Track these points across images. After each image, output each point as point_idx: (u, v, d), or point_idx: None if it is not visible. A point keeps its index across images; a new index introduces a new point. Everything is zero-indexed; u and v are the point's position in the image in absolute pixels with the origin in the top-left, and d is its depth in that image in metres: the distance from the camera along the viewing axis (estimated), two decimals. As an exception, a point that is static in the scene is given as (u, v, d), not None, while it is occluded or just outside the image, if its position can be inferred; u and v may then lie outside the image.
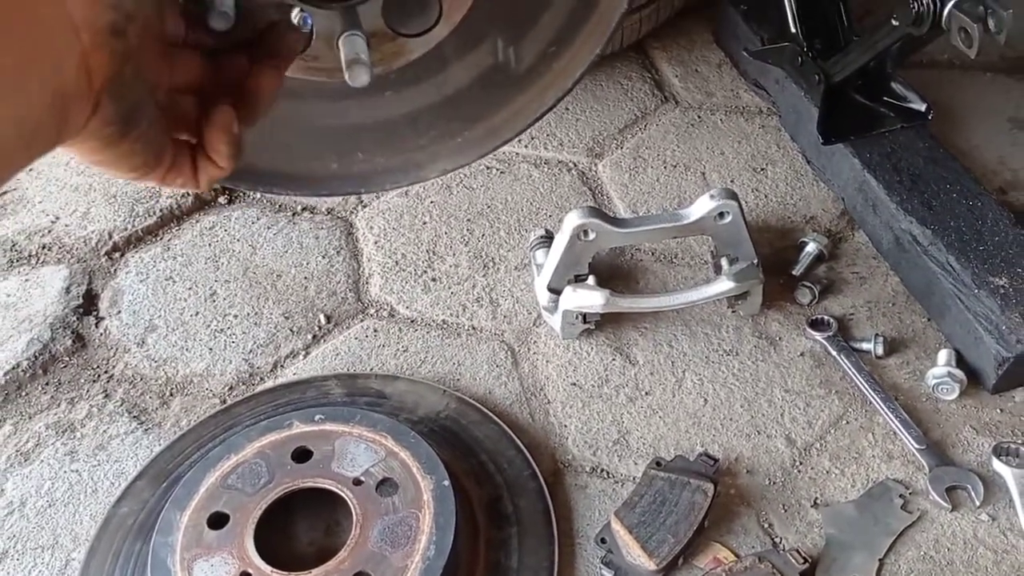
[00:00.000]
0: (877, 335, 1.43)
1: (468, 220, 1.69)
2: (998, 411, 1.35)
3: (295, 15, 0.89)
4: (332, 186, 1.09)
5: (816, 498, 1.26)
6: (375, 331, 1.51)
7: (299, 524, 1.23)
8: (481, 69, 1.04)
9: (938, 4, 1.31)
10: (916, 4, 1.33)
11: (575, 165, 1.80)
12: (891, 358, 1.43)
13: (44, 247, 1.67)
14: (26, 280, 1.61)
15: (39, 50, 0.60)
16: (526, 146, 1.82)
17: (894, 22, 1.41)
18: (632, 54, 2.03)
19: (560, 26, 1.02)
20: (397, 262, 1.62)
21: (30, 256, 1.66)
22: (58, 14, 0.61)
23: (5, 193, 1.78)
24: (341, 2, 0.83)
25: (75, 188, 1.78)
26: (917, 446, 1.29)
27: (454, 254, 1.63)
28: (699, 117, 1.89)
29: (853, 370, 1.39)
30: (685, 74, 1.99)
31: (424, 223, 1.69)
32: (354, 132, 1.06)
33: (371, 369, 1.45)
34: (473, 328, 1.51)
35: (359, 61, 0.82)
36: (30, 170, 1.82)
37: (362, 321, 1.53)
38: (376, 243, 1.66)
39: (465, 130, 1.08)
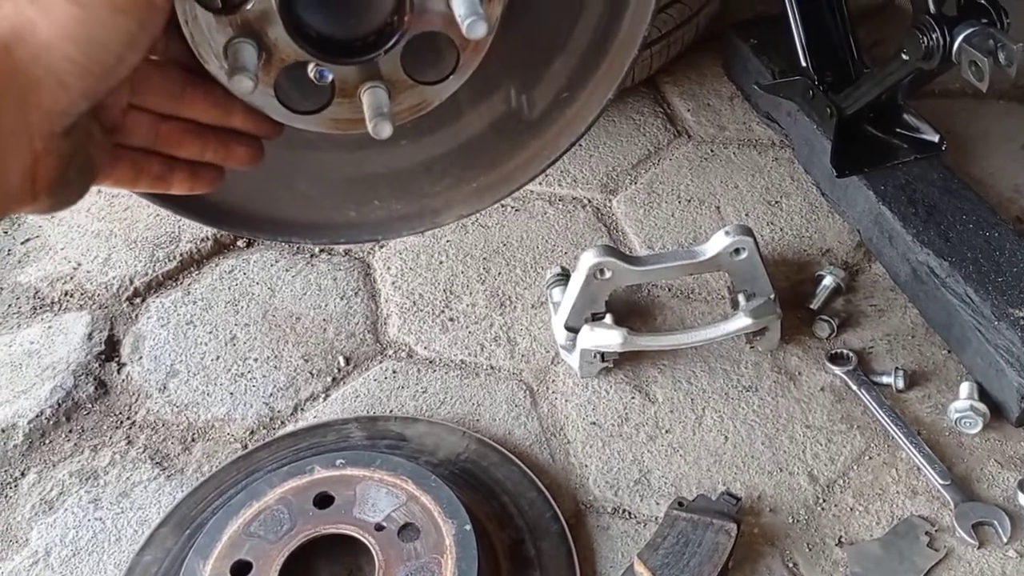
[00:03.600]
0: (897, 368, 1.42)
1: (484, 259, 1.70)
2: (1023, 444, 1.34)
3: (311, 69, 0.90)
4: (350, 234, 1.11)
5: (841, 536, 1.25)
6: (394, 372, 1.52)
7: (321, 571, 1.24)
8: (495, 116, 1.05)
9: (948, 38, 1.32)
10: (925, 38, 1.34)
11: (589, 201, 1.81)
12: (912, 391, 1.42)
13: (66, 294, 1.69)
14: (49, 327, 1.62)
15: None
16: (540, 183, 1.83)
17: (904, 56, 1.41)
18: (644, 89, 2.05)
19: (572, 72, 1.03)
20: (415, 302, 1.63)
21: (53, 303, 1.68)
22: (18, 123, 0.62)
23: (28, 241, 1.80)
24: (360, 57, 0.84)
25: (96, 234, 1.80)
26: (941, 481, 1.28)
27: (471, 293, 1.64)
28: (712, 151, 1.90)
29: (874, 404, 1.38)
30: (697, 108, 2.01)
31: (441, 262, 1.70)
32: (371, 181, 1.07)
33: (391, 411, 1.46)
34: (491, 368, 1.52)
35: (382, 114, 0.82)
36: (52, 217, 1.85)
37: (381, 362, 1.54)
38: (393, 283, 1.67)
39: (480, 176, 1.09)
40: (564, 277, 1.53)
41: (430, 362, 1.53)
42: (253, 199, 1.06)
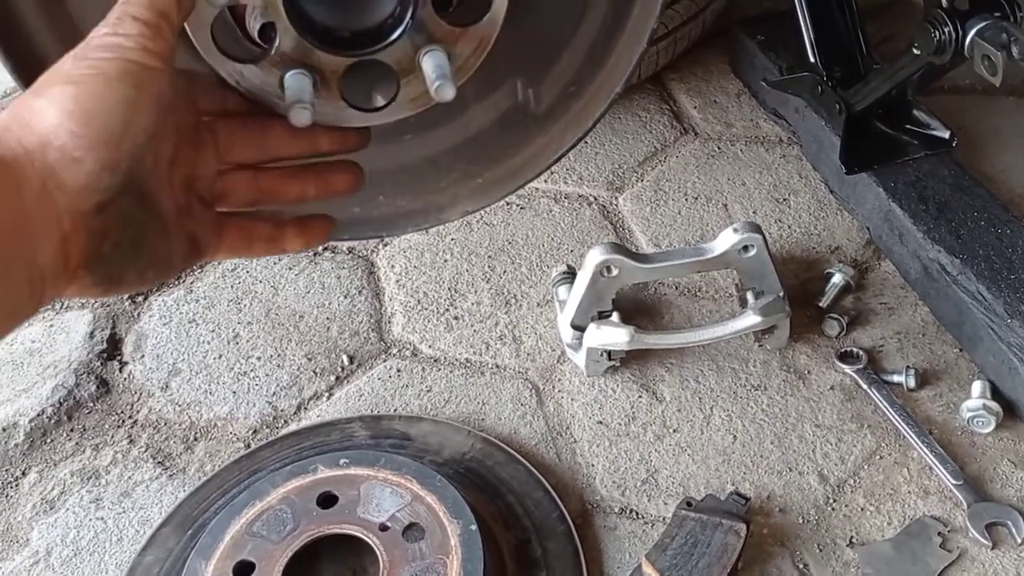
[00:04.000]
0: (908, 367, 1.40)
1: (489, 257, 1.69)
2: (1036, 443, 1.32)
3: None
4: (354, 230, 1.09)
5: (852, 537, 1.24)
6: (398, 371, 1.50)
7: (325, 571, 1.22)
8: (501, 111, 1.04)
9: (960, 32, 1.30)
10: (937, 32, 1.32)
11: (595, 199, 1.79)
12: (923, 390, 1.40)
13: (68, 292, 1.67)
14: (51, 326, 1.61)
15: (22, 242, 0.63)
16: (546, 181, 1.82)
17: (915, 51, 1.40)
18: (650, 86, 2.03)
19: (579, 66, 1.01)
20: (419, 300, 1.62)
21: (54, 301, 1.66)
22: (44, 205, 0.63)
23: (30, 239, 1.79)
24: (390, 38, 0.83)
25: (98, 232, 1.79)
26: (954, 481, 1.27)
27: (476, 291, 1.63)
28: (719, 148, 1.88)
29: (885, 403, 1.37)
30: (704, 105, 1.99)
31: (445, 261, 1.69)
32: (376, 176, 1.05)
33: (395, 410, 1.44)
34: (497, 366, 1.50)
35: (444, 76, 0.81)
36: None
37: (385, 361, 1.52)
38: (398, 282, 1.65)
39: (486, 172, 1.07)
40: (570, 275, 1.51)
41: (435, 361, 1.52)
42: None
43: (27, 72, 0.87)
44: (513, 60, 0.99)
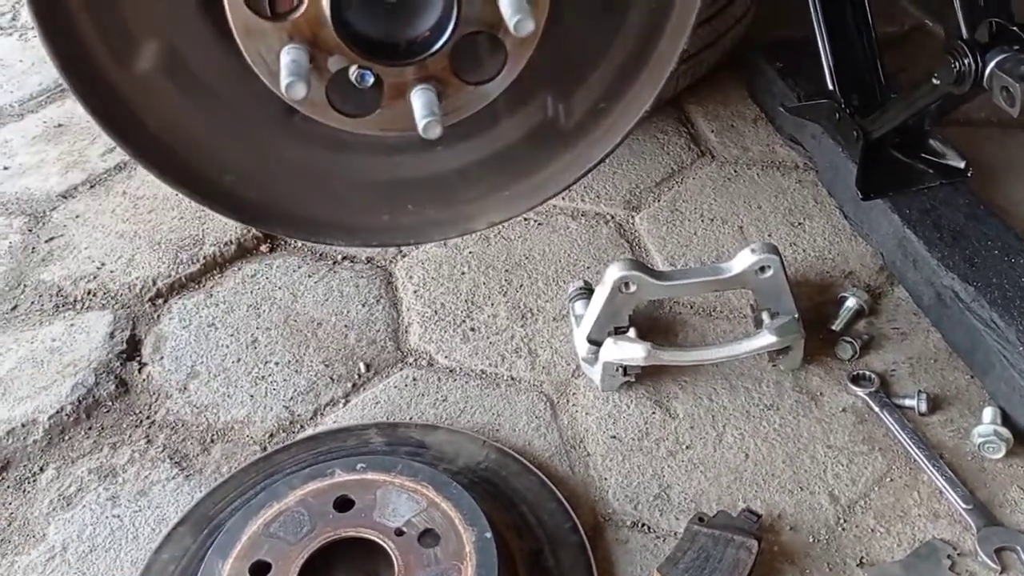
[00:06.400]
0: (920, 392, 1.42)
1: (506, 271, 1.71)
2: (1046, 471, 1.33)
3: (352, 72, 0.91)
4: (383, 237, 1.12)
5: (862, 557, 1.25)
6: (414, 380, 1.52)
7: (339, 574, 1.23)
8: (531, 125, 1.06)
9: (980, 64, 1.32)
10: (957, 63, 1.34)
11: (612, 217, 1.81)
12: (935, 415, 1.42)
13: (89, 292, 1.69)
14: (71, 325, 1.63)
15: None
16: (564, 198, 1.84)
17: (935, 81, 1.42)
18: (668, 109, 2.06)
19: (610, 83, 1.04)
20: (436, 311, 1.64)
21: (75, 301, 1.68)
22: None
23: (52, 239, 1.81)
24: (409, 60, 0.85)
25: (120, 235, 1.81)
26: (964, 506, 1.28)
27: (492, 304, 1.64)
28: (735, 171, 1.90)
29: (896, 427, 1.38)
30: (721, 129, 2.01)
31: (463, 273, 1.71)
32: (406, 185, 1.08)
33: (410, 418, 1.45)
34: (512, 379, 1.52)
35: (432, 115, 0.84)
36: (76, 217, 1.86)
37: (401, 370, 1.54)
38: (415, 292, 1.67)
39: (513, 184, 1.10)
40: (586, 291, 1.53)
41: (451, 371, 1.53)
42: (289, 199, 1.06)
43: (74, 70, 0.90)
44: (545, 76, 1.01)
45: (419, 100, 0.86)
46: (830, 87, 1.72)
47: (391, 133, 0.93)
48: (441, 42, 0.86)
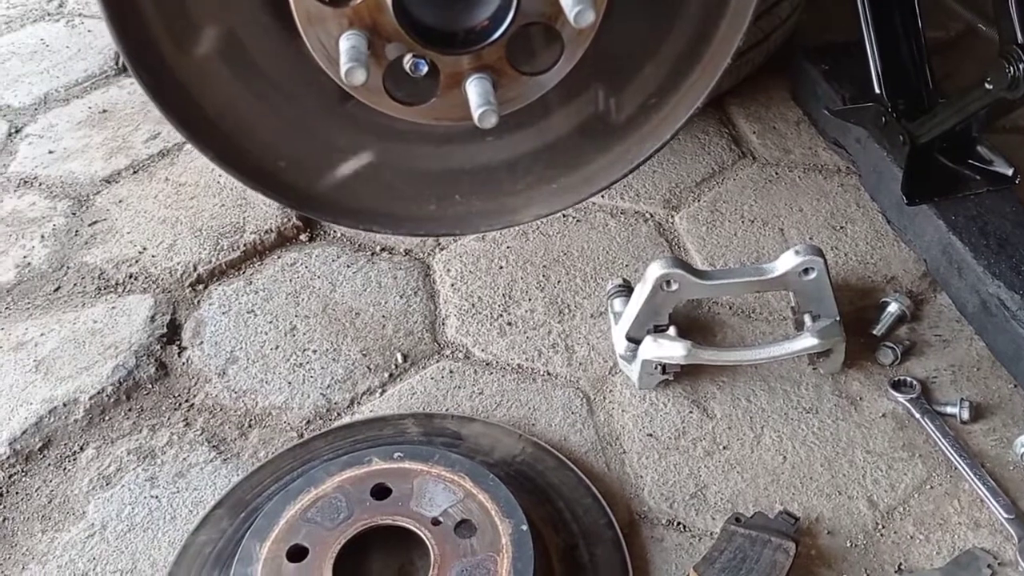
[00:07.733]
0: (963, 399, 1.40)
1: (544, 266, 1.70)
2: (1090, 484, 1.31)
3: (407, 61, 0.91)
4: (429, 226, 1.12)
5: (900, 564, 1.23)
6: (451, 372, 1.52)
7: (375, 563, 1.24)
8: (582, 118, 1.06)
9: (1034, 69, 1.31)
10: (1012, 68, 1.32)
11: (652, 216, 1.81)
12: (977, 424, 1.40)
13: (131, 276, 1.71)
14: (113, 308, 1.65)
15: None
16: (603, 196, 1.83)
17: (987, 85, 1.40)
18: (710, 110, 2.05)
19: (663, 78, 1.03)
20: (473, 305, 1.64)
21: (117, 284, 1.70)
22: None
23: (96, 223, 1.83)
24: (467, 49, 0.85)
25: (162, 220, 1.83)
26: (1006, 515, 1.26)
27: (530, 299, 1.64)
28: (777, 174, 1.89)
29: (937, 434, 1.36)
30: (763, 131, 2.00)
31: (500, 267, 1.71)
32: (454, 175, 1.08)
33: (446, 410, 1.46)
34: (548, 374, 1.51)
35: (488, 104, 0.84)
36: (119, 201, 1.88)
37: (438, 362, 1.54)
38: (453, 285, 1.68)
39: (562, 177, 1.09)
40: (626, 288, 1.52)
41: (487, 364, 1.54)
42: (337, 186, 1.07)
43: (137, 54, 0.91)
44: (597, 69, 1.01)
45: (475, 89, 0.86)
46: (877, 91, 1.70)
47: (444, 122, 0.93)
48: (500, 32, 0.86)
